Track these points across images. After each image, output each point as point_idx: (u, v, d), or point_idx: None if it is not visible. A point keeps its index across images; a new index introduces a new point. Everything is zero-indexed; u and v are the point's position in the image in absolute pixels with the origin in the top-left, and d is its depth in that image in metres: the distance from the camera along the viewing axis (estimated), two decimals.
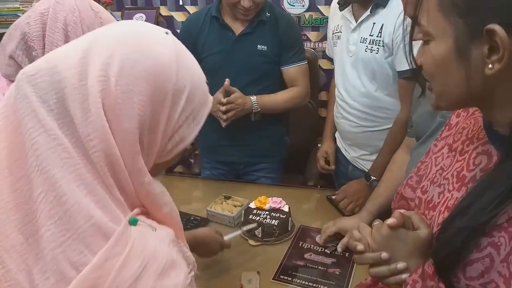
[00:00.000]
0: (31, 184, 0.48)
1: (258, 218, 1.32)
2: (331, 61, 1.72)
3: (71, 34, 0.91)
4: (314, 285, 1.11)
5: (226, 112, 1.52)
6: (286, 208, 1.37)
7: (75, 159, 0.49)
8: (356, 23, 1.44)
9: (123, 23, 0.59)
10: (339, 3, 1.49)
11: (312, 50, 2.19)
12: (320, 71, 2.26)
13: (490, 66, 0.51)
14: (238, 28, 1.58)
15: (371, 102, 1.46)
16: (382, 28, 1.37)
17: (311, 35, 2.28)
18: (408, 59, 0.62)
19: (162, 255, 0.51)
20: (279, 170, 1.82)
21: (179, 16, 2.43)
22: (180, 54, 0.56)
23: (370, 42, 1.40)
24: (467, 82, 0.54)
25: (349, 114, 1.53)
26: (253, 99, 1.58)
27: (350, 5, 1.45)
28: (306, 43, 2.22)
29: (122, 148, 0.51)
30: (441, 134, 0.75)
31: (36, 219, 0.48)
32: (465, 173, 0.64)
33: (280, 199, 1.40)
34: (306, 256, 1.23)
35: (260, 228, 1.29)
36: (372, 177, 1.46)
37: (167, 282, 0.50)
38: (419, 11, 0.57)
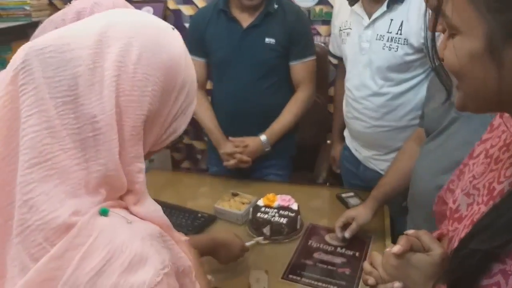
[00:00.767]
0: (15, 165, 0.47)
1: (267, 216, 1.30)
2: (336, 59, 1.69)
3: None
4: (324, 285, 1.09)
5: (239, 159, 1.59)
6: (295, 206, 1.35)
7: (58, 144, 0.48)
8: (370, 19, 1.38)
9: (132, 11, 0.60)
10: None
11: (322, 45, 2.15)
12: (330, 66, 2.22)
13: None
14: (246, 21, 1.56)
15: (385, 102, 1.41)
16: (402, 25, 1.32)
17: (321, 29, 2.25)
18: (429, 56, 0.57)
19: (130, 249, 0.48)
20: (288, 167, 1.80)
21: (187, 10, 2.41)
22: (187, 51, 0.60)
23: (388, 40, 1.34)
24: (498, 84, 0.48)
25: (361, 114, 1.48)
26: (263, 139, 1.60)
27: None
28: (316, 38, 2.19)
29: (126, 134, 0.52)
30: (481, 136, 0.69)
31: (14, 202, 0.47)
32: (495, 185, 0.57)
33: (289, 196, 1.37)
34: (315, 255, 1.21)
35: (268, 226, 1.27)
36: None
37: (132, 278, 0.47)
38: (443, 0, 0.51)
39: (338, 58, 1.66)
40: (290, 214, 1.31)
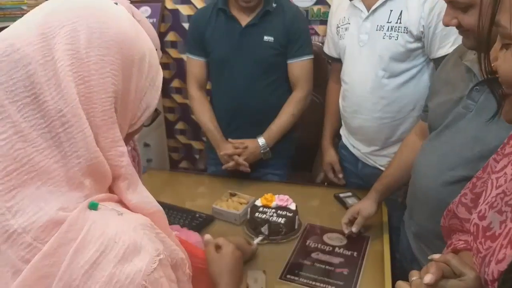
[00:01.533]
0: None
1: (264, 216, 1.30)
2: (330, 59, 1.68)
3: None
4: (321, 285, 1.09)
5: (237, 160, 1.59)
6: (293, 206, 1.34)
7: (31, 146, 0.47)
8: (368, 11, 1.40)
9: None
10: None
11: (320, 44, 2.13)
12: (328, 66, 2.22)
13: None
14: (245, 19, 1.57)
15: (385, 93, 1.42)
16: (401, 14, 1.34)
17: (319, 28, 2.25)
18: (482, 67, 0.53)
19: (123, 240, 0.48)
20: (286, 167, 1.80)
21: (184, 10, 2.40)
22: (135, 22, 0.58)
23: (388, 29, 1.36)
24: None
25: (360, 107, 1.48)
26: (261, 142, 1.61)
27: None
28: (314, 37, 2.18)
29: (98, 120, 0.50)
30: (503, 149, 0.65)
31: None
32: None
33: (287, 196, 1.37)
34: (313, 255, 1.21)
35: (266, 226, 1.26)
36: None
37: (128, 268, 0.47)
38: (497, 9, 0.48)
39: (332, 58, 1.66)
40: (288, 214, 1.30)
